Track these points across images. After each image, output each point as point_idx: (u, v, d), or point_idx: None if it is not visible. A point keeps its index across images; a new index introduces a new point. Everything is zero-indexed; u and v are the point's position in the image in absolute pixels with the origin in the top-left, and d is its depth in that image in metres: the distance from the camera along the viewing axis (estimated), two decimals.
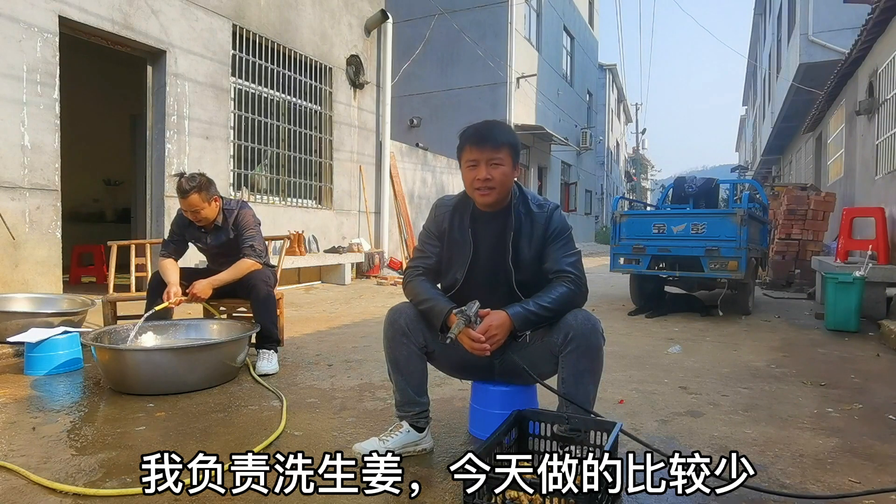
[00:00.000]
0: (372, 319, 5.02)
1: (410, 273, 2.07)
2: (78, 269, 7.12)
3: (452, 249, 2.04)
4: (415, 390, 2.02)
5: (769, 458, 2.03)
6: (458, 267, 2.02)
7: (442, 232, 2.05)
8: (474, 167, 1.90)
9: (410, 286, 2.03)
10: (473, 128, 1.93)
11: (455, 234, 2.03)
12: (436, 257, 2.07)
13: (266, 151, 7.27)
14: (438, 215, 2.07)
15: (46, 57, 4.77)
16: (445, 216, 2.04)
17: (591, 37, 23.77)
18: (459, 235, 2.02)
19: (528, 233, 1.98)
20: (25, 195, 4.66)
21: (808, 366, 3.50)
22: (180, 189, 3.14)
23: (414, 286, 2.02)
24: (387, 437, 1.97)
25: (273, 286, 3.40)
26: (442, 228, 2.05)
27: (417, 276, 2.04)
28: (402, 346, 1.98)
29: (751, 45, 23.74)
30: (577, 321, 1.88)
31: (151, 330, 3.21)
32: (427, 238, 2.10)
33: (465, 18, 14.45)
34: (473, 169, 1.91)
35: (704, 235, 5.29)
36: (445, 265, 2.07)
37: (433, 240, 2.08)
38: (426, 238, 2.10)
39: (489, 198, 1.92)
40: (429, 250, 2.08)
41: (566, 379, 1.91)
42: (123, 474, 1.82)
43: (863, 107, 7.71)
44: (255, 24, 6.80)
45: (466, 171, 1.94)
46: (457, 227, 2.02)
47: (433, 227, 2.08)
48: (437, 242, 2.07)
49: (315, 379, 3.04)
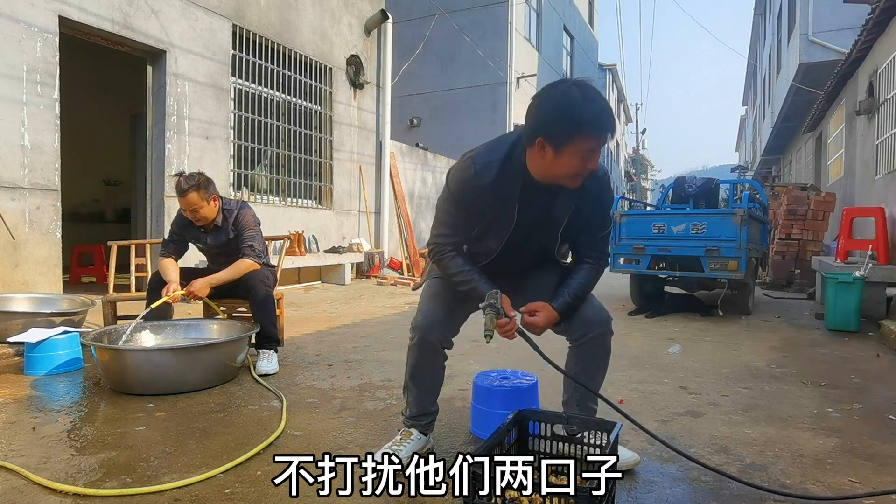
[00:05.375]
0: (372, 320, 5.02)
1: (442, 251, 1.85)
2: (78, 269, 7.13)
3: (490, 219, 1.82)
4: (431, 401, 2.01)
5: (769, 458, 2.03)
6: (493, 237, 1.85)
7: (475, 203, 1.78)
8: (589, 156, 1.63)
9: (445, 263, 1.85)
10: (598, 114, 1.59)
11: (497, 205, 1.78)
12: (463, 233, 1.86)
13: (266, 151, 7.27)
14: (474, 186, 1.75)
15: (46, 57, 4.77)
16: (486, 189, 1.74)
17: (591, 37, 23.77)
18: (502, 207, 1.79)
19: (580, 204, 1.84)
20: (25, 195, 4.66)
21: (808, 366, 3.50)
22: (179, 188, 3.14)
23: (449, 263, 1.84)
24: (398, 448, 1.92)
25: (272, 286, 3.40)
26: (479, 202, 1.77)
27: (451, 253, 1.85)
28: (431, 364, 1.95)
29: (751, 45, 23.74)
30: (595, 316, 1.90)
31: (151, 329, 3.22)
32: (454, 209, 1.83)
33: (465, 18, 14.45)
34: (587, 158, 1.63)
35: (704, 235, 5.29)
36: (477, 233, 1.87)
37: (461, 211, 1.82)
38: (453, 209, 1.83)
39: (579, 183, 1.72)
40: (456, 225, 1.84)
41: (579, 373, 1.94)
42: (123, 474, 1.82)
43: (863, 107, 7.71)
44: (255, 24, 6.80)
45: (576, 159, 1.62)
46: (500, 199, 1.76)
47: (462, 197, 1.79)
48: (464, 214, 1.82)
49: (315, 379, 3.04)
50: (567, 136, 1.58)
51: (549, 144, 1.61)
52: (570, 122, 1.57)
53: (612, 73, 29.42)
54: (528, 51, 16.27)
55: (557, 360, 1.94)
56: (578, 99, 1.57)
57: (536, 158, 1.68)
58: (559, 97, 1.61)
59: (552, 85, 1.66)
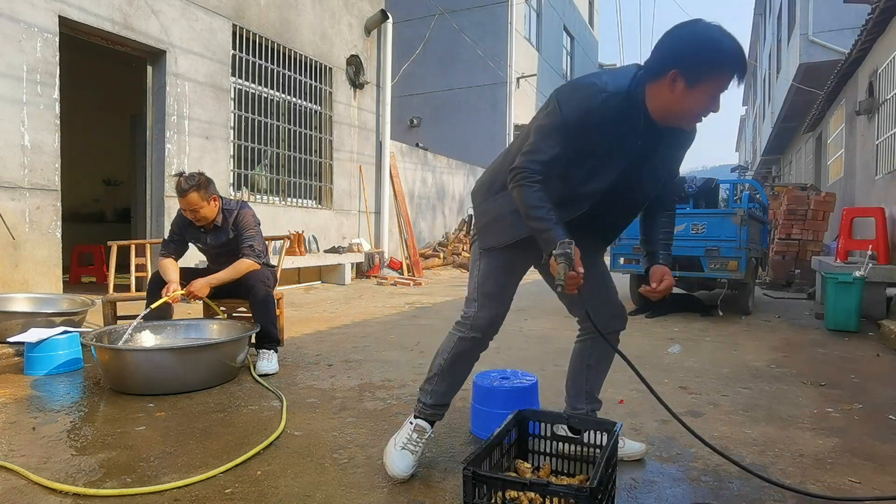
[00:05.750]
0: (372, 320, 5.02)
1: (527, 177, 1.63)
2: (78, 269, 7.13)
3: (603, 157, 1.67)
4: (454, 393, 1.97)
5: (769, 458, 2.03)
6: (602, 178, 1.69)
7: (592, 136, 1.63)
8: (717, 96, 1.58)
9: (525, 193, 1.63)
10: (740, 54, 1.54)
11: (615, 141, 1.65)
12: (559, 168, 1.66)
13: (266, 151, 7.27)
14: (597, 117, 1.60)
15: (46, 57, 4.77)
16: (609, 122, 1.61)
17: (591, 37, 23.77)
18: (619, 144, 1.66)
19: (680, 150, 1.81)
20: (25, 195, 4.66)
21: (808, 366, 3.50)
22: (179, 188, 3.14)
23: (531, 194, 1.62)
24: (415, 449, 1.86)
25: (272, 286, 3.40)
26: (597, 135, 1.63)
27: (537, 184, 1.63)
28: (473, 358, 1.92)
29: (751, 45, 23.74)
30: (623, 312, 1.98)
31: (151, 329, 3.22)
32: (562, 139, 1.63)
33: (465, 18, 14.45)
34: (714, 99, 1.58)
35: (704, 235, 5.29)
36: (584, 173, 1.69)
37: (569, 143, 1.63)
38: (561, 139, 1.63)
39: (693, 124, 1.69)
40: (557, 157, 1.64)
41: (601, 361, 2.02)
42: (123, 474, 1.82)
43: (863, 107, 7.71)
44: (255, 24, 6.80)
45: (705, 97, 1.57)
46: (620, 135, 1.64)
47: (579, 127, 1.62)
48: (572, 147, 1.64)
49: (315, 379, 3.04)
50: (706, 70, 1.54)
51: (684, 78, 1.54)
52: (712, 56, 1.53)
53: None
54: (528, 51, 16.28)
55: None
56: (720, 36, 1.53)
57: (663, 93, 1.59)
58: (700, 31, 1.56)
59: (689, 21, 1.60)
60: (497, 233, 1.85)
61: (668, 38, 1.59)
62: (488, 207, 1.88)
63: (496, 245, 1.86)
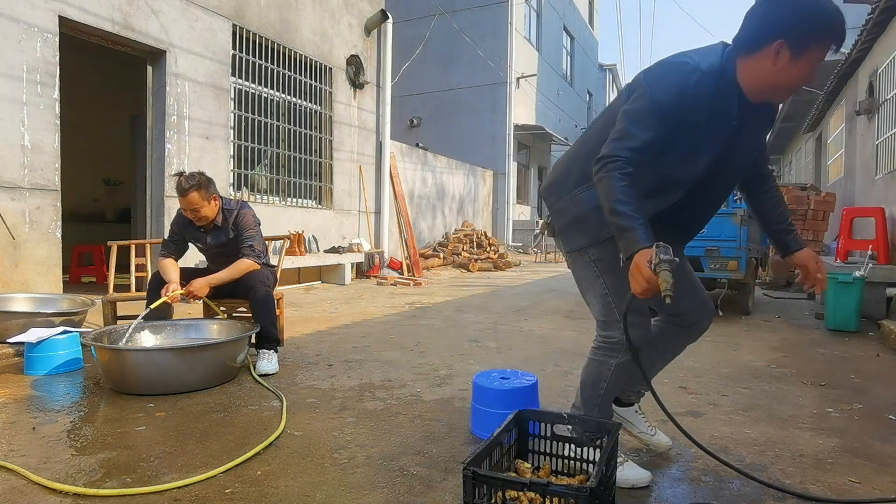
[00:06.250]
0: (372, 320, 5.02)
1: (619, 167, 1.50)
2: (78, 269, 7.13)
3: (699, 140, 1.56)
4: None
5: (769, 458, 2.03)
6: (696, 163, 1.59)
7: (688, 118, 1.53)
8: (816, 68, 1.50)
9: (612, 185, 1.49)
10: (842, 21, 1.46)
11: (711, 122, 1.54)
12: (649, 155, 1.54)
13: (266, 151, 7.27)
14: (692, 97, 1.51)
15: (46, 57, 4.77)
16: (705, 102, 1.52)
17: (591, 37, 23.78)
18: (716, 125, 1.55)
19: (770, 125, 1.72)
20: (25, 195, 4.66)
21: (808, 366, 3.50)
22: (179, 187, 3.14)
23: (619, 186, 1.48)
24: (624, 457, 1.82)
25: (272, 286, 3.40)
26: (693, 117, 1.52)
27: (627, 177, 1.49)
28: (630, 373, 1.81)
29: None
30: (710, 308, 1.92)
31: (151, 330, 3.22)
32: (656, 123, 1.52)
33: (465, 18, 14.46)
34: (814, 70, 1.50)
35: (704, 235, 5.28)
36: (674, 158, 1.58)
37: (664, 128, 1.52)
38: (655, 124, 1.52)
39: (788, 97, 1.61)
40: (650, 143, 1.52)
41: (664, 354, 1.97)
42: (123, 474, 1.82)
43: (863, 107, 7.72)
44: (255, 24, 6.80)
45: (808, 68, 1.49)
46: (716, 115, 1.54)
47: (673, 109, 1.51)
48: (661, 128, 1.52)
49: (315, 379, 3.04)
50: (814, 39, 1.45)
51: (789, 49, 1.46)
52: (817, 24, 1.45)
53: (612, 73, 29.42)
54: (528, 51, 16.28)
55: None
56: (823, 1, 1.46)
57: (763, 66, 1.50)
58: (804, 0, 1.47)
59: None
60: (583, 232, 1.74)
61: (769, 6, 1.50)
62: (565, 206, 1.78)
63: (586, 244, 1.73)
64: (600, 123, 1.73)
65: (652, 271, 1.39)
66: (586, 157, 1.65)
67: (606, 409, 1.85)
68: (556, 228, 1.84)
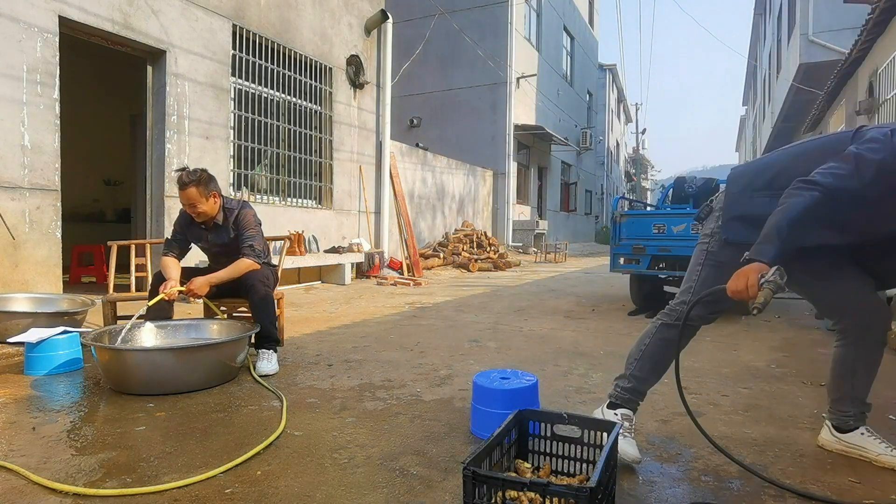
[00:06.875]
0: (372, 320, 5.02)
1: (814, 196, 1.53)
2: (78, 269, 7.12)
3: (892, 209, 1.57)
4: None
5: (769, 458, 2.03)
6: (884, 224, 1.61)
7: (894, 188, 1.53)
8: None
9: (800, 202, 1.53)
10: None
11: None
12: (855, 199, 1.54)
13: (266, 151, 7.28)
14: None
15: (46, 57, 4.77)
16: None
17: (591, 37, 23.78)
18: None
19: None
20: (25, 195, 4.66)
21: (808, 366, 3.50)
22: (180, 181, 3.14)
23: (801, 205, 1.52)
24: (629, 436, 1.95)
25: (272, 286, 3.40)
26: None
27: (815, 205, 1.52)
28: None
29: (751, 45, 23.76)
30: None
31: (151, 330, 3.22)
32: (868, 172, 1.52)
33: (465, 18, 14.46)
34: None
35: None
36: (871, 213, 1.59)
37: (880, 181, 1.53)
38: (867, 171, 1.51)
39: None
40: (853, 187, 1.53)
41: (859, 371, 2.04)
42: (123, 474, 1.82)
43: (863, 107, 7.72)
44: (255, 24, 6.80)
45: None
46: None
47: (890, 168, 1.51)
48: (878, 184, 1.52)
49: (315, 379, 3.04)
50: None
51: None
52: None
53: (612, 73, 29.43)
54: (528, 51, 16.28)
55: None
56: None
57: None
58: None
59: None
60: (742, 232, 1.82)
61: None
62: (741, 199, 1.87)
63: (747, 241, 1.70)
64: (816, 148, 1.77)
65: (758, 282, 1.51)
66: (783, 171, 1.72)
67: (644, 368, 2.02)
68: (724, 208, 1.91)
